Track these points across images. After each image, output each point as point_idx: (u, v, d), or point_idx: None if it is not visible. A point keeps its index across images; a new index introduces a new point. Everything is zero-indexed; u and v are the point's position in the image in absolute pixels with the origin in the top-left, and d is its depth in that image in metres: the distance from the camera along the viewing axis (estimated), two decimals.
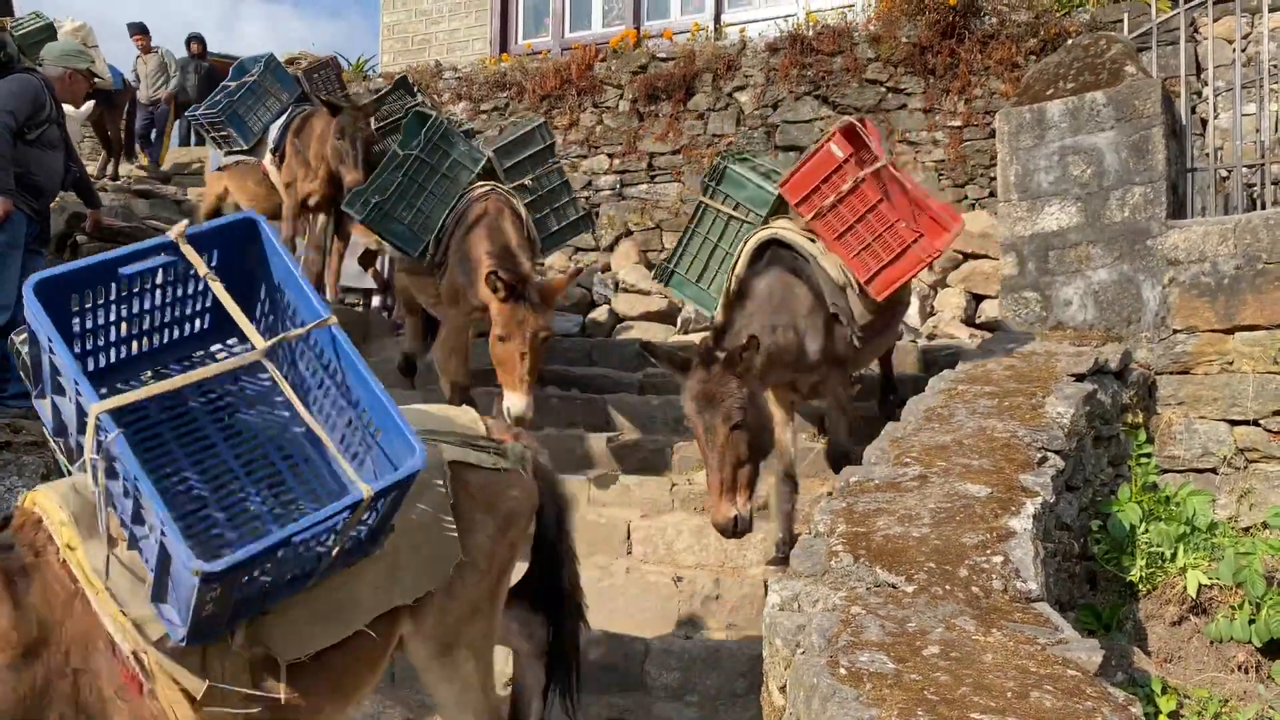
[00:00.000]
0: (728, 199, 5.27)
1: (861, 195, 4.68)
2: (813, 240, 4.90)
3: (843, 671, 2.37)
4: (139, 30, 12.67)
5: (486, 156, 6.11)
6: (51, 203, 5.90)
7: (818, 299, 4.74)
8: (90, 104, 9.31)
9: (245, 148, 8.01)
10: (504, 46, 12.44)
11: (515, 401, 5.09)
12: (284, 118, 7.91)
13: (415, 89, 7.75)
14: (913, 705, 2.19)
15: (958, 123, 9.32)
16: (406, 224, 5.86)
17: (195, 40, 13.60)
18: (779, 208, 5.15)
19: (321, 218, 8.07)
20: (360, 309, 8.59)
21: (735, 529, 4.13)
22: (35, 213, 5.55)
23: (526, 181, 6.26)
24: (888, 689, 2.28)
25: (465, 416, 3.07)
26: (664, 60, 10.41)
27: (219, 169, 8.32)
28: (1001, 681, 2.33)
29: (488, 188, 5.95)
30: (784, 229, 4.94)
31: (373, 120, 7.17)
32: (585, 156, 10.34)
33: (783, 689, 2.72)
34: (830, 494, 3.77)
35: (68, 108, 8.28)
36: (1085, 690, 2.31)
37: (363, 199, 5.84)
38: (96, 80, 6.50)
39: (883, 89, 9.68)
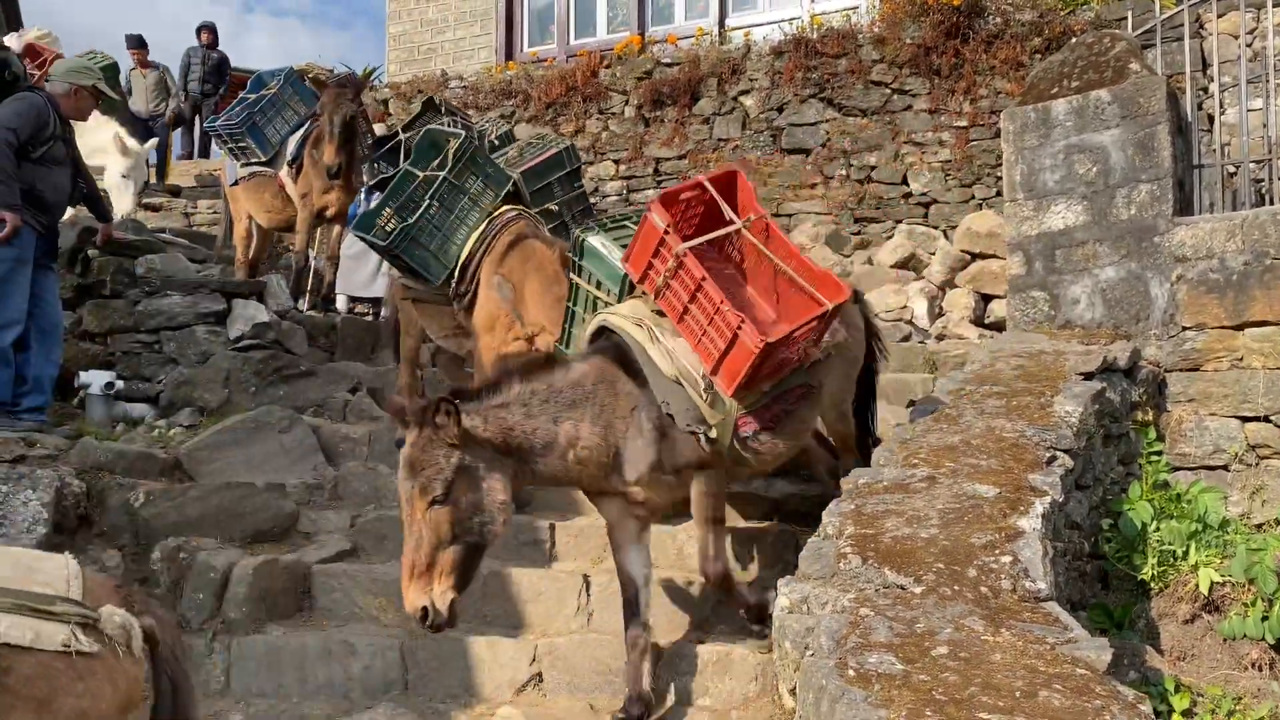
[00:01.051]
0: (591, 275, 4.68)
1: (688, 271, 3.81)
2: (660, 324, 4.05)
3: (851, 673, 2.37)
4: (137, 44, 12.65)
5: (512, 179, 5.81)
6: (61, 218, 5.95)
7: (644, 396, 3.92)
8: (154, 141, 9.34)
9: (264, 159, 8.02)
10: (509, 55, 12.49)
11: None
12: (302, 130, 7.94)
13: (442, 107, 7.35)
14: (921, 706, 2.20)
15: (963, 123, 9.32)
16: (432, 249, 5.52)
17: (206, 29, 13.34)
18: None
19: (336, 229, 8.10)
20: (369, 318, 8.62)
21: (425, 620, 3.47)
22: (44, 228, 5.60)
23: (553, 206, 6.07)
24: (896, 690, 2.28)
25: (50, 565, 2.23)
26: (669, 65, 10.44)
27: (235, 183, 8.35)
28: (1010, 681, 2.34)
29: (514, 213, 5.65)
30: (623, 312, 4.13)
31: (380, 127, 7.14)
32: (591, 163, 10.36)
33: (793, 691, 2.73)
34: (839, 497, 3.78)
35: (131, 142, 8.37)
36: (1094, 689, 2.32)
37: (378, 225, 5.53)
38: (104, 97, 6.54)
39: (888, 90, 9.68)
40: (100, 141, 8.68)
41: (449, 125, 6.64)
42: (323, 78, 7.96)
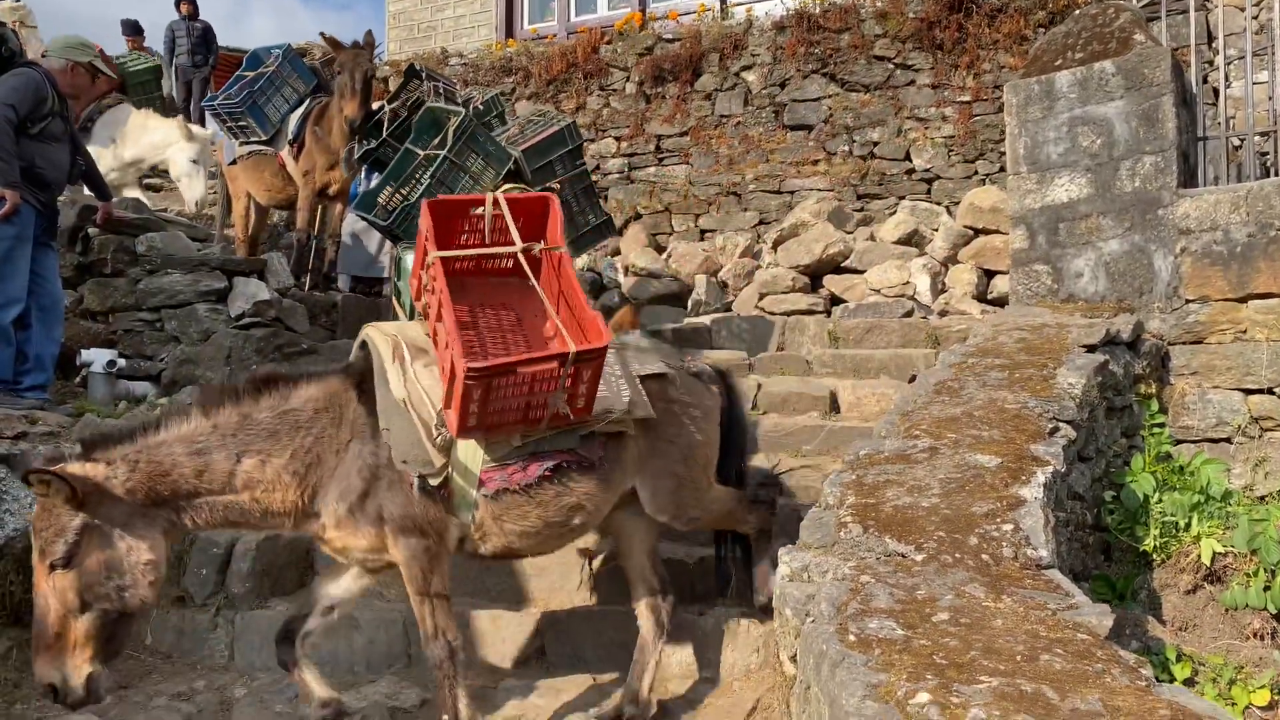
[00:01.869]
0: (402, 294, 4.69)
1: (436, 282, 3.32)
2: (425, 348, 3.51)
3: (852, 638, 2.37)
4: (133, 30, 12.32)
5: (514, 157, 5.79)
6: (59, 196, 5.93)
7: (371, 425, 3.32)
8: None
9: (264, 138, 7.97)
10: (509, 32, 12.42)
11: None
12: (302, 108, 7.89)
13: (425, 74, 7.45)
14: (922, 669, 2.19)
15: (967, 98, 9.27)
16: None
17: (185, 1, 12.65)
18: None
19: (339, 206, 8.06)
20: (371, 296, 8.61)
21: (57, 697, 3.01)
22: (43, 206, 5.59)
23: (554, 185, 5.98)
24: (897, 654, 2.28)
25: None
26: (670, 41, 10.38)
27: (233, 162, 8.31)
28: (1011, 645, 2.33)
29: (516, 191, 5.76)
30: (388, 328, 3.60)
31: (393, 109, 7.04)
32: (593, 140, 10.32)
33: (793, 658, 2.73)
34: (840, 468, 3.77)
35: (196, 128, 8.35)
36: (1095, 653, 2.31)
37: (379, 205, 5.51)
38: (101, 74, 6.51)
39: (890, 65, 9.63)
40: (163, 135, 8.67)
41: (431, 92, 6.65)
42: (333, 44, 7.84)
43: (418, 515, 3.29)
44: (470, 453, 3.30)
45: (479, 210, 3.47)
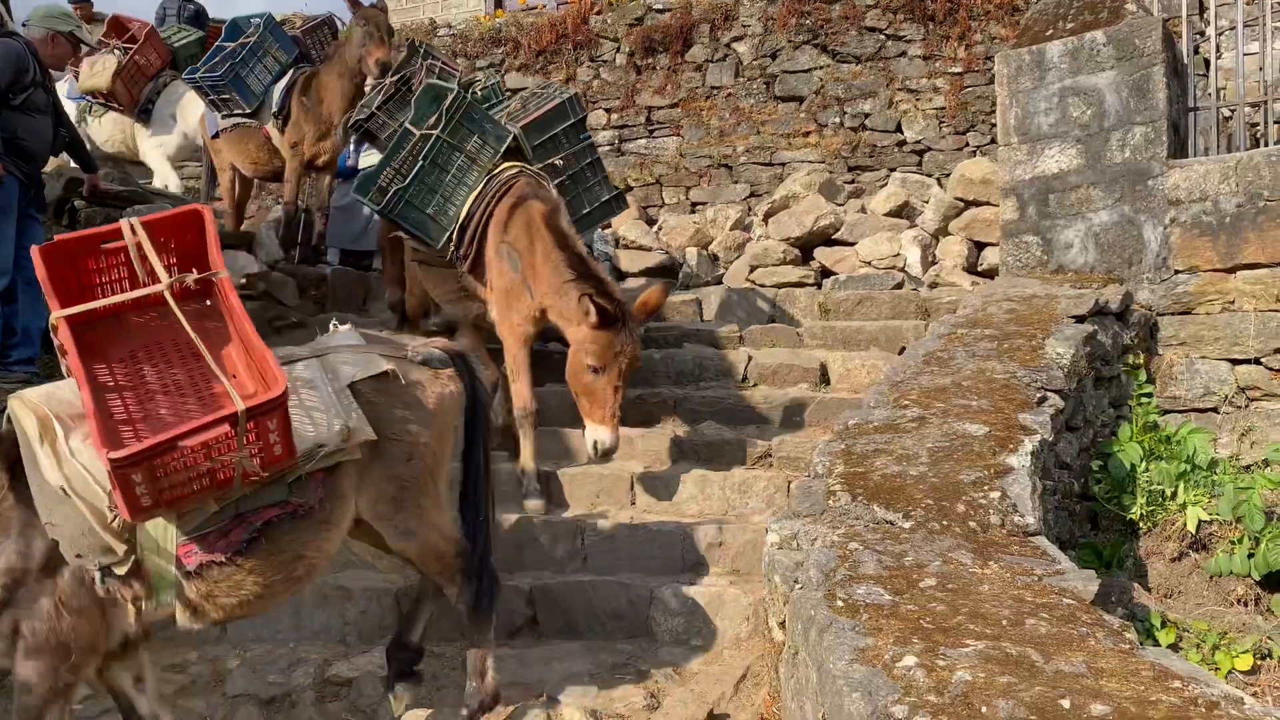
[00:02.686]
0: None
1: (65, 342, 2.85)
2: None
3: (840, 604, 2.39)
4: None
5: (512, 134, 5.51)
6: (44, 167, 5.88)
7: (21, 522, 2.84)
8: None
9: (248, 110, 7.86)
10: (499, 2, 12.31)
11: (604, 436, 4.63)
12: (286, 79, 7.79)
13: (424, 51, 7.12)
14: (909, 634, 2.22)
15: (958, 69, 9.23)
16: (429, 213, 5.31)
17: None
18: None
19: (326, 178, 8.00)
20: (361, 270, 8.57)
21: None
22: (27, 178, 5.54)
23: (557, 161, 5.72)
24: (884, 619, 2.30)
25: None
26: (661, 12, 10.30)
27: (216, 134, 8.21)
28: (997, 610, 2.36)
29: (515, 169, 5.37)
30: (32, 400, 2.94)
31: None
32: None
33: (782, 624, 2.76)
34: (829, 437, 3.79)
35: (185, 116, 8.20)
36: (1081, 617, 2.34)
37: (377, 186, 5.34)
38: (84, 45, 6.43)
39: (882, 36, 9.57)
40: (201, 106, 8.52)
41: (424, 71, 6.52)
42: (299, 25, 7.73)
43: (60, 635, 2.83)
44: (159, 529, 2.86)
45: (114, 244, 2.90)
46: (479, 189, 5.30)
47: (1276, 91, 6.54)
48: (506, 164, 5.41)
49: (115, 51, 8.16)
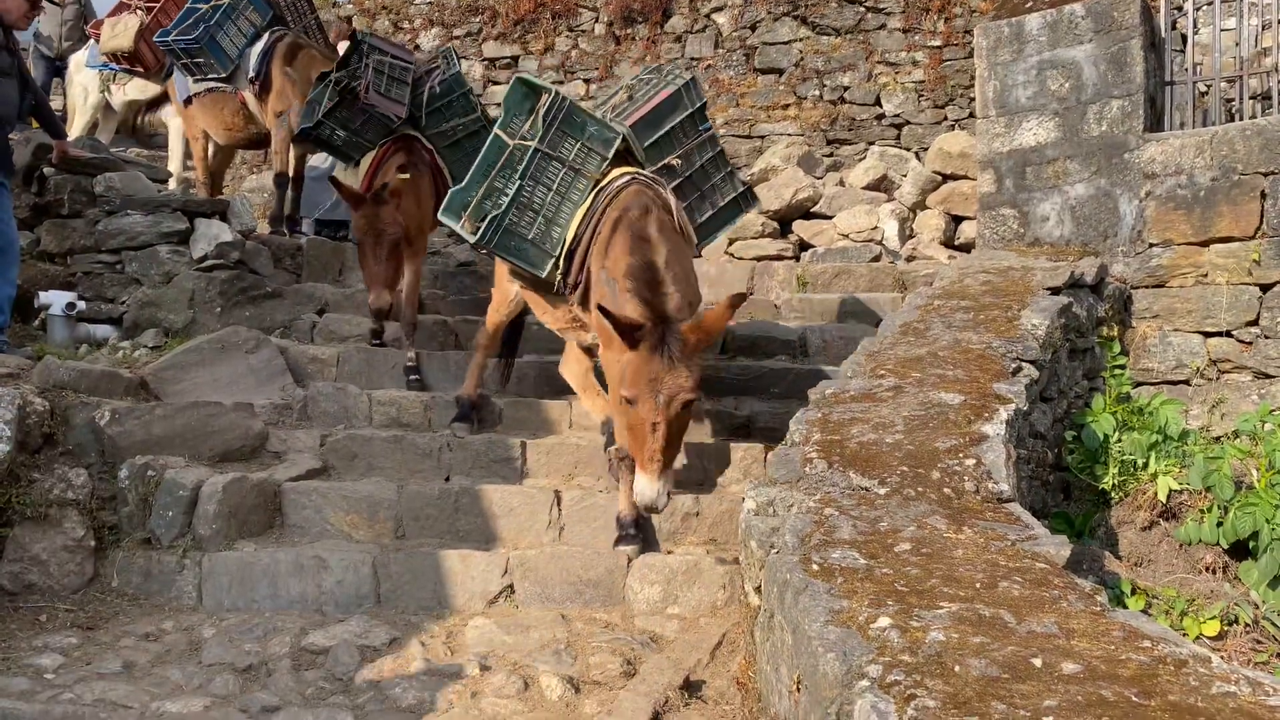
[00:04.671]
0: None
1: None
2: None
3: (815, 567, 2.41)
4: None
5: (620, 135, 4.68)
6: (10, 133, 5.77)
7: None
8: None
9: (224, 75, 7.65)
10: None
11: (644, 487, 3.64)
12: (263, 42, 7.47)
13: (368, 45, 6.36)
14: (883, 596, 2.24)
15: (937, 42, 9.22)
16: (531, 238, 4.54)
17: None
18: None
19: (303, 148, 7.84)
20: (336, 240, 8.48)
21: None
22: None
23: (674, 161, 4.91)
24: (859, 582, 2.32)
25: None
26: None
27: (188, 99, 8.03)
28: (971, 574, 2.38)
29: (626, 177, 4.52)
30: None
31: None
32: (561, 82, 10.17)
33: (758, 589, 2.78)
34: (806, 406, 3.80)
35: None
36: (1053, 580, 2.37)
37: (467, 210, 4.61)
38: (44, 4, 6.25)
39: (862, 9, 9.55)
40: None
41: (371, 64, 6.09)
42: None
43: None
44: None
45: None
46: (587, 204, 4.51)
47: (1252, 67, 6.58)
48: (616, 170, 4.61)
49: (137, 11, 7.85)
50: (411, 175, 6.01)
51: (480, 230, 4.51)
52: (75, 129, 8.90)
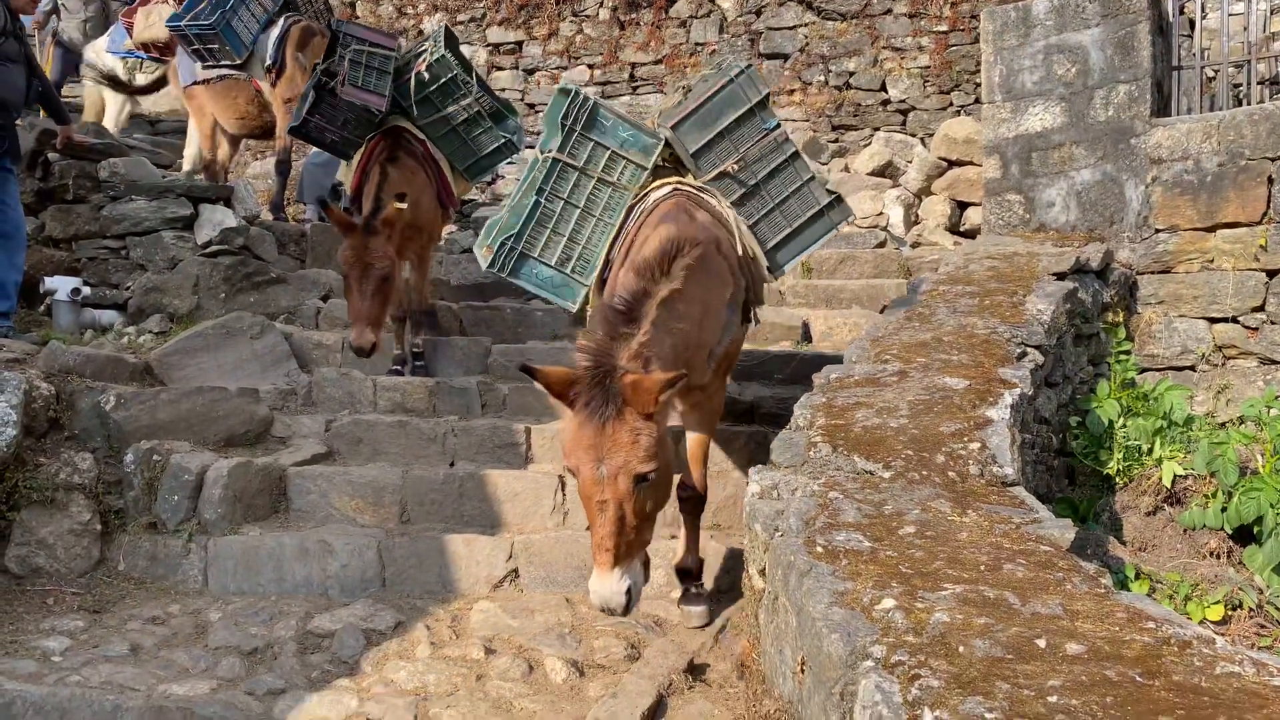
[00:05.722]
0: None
1: None
2: None
3: (819, 550, 2.41)
4: None
5: (662, 140, 4.12)
6: (17, 119, 5.77)
7: None
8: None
9: (239, 61, 7.35)
10: None
11: (594, 584, 2.92)
12: (277, 29, 7.30)
13: (344, 34, 5.93)
14: (887, 578, 2.24)
15: (943, 27, 9.18)
16: (554, 264, 4.08)
17: None
18: None
19: None
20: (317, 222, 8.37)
21: None
22: (1, 128, 5.44)
23: (730, 167, 4.10)
24: (863, 564, 2.32)
25: None
26: None
27: (194, 84, 7.91)
28: (975, 556, 2.38)
29: (667, 189, 3.96)
30: None
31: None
32: (565, 68, 10.15)
33: (762, 572, 2.78)
34: (811, 391, 3.80)
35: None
36: (1057, 563, 2.37)
37: (490, 237, 4.16)
38: None
39: None
40: None
41: (348, 55, 5.64)
42: None
43: None
44: None
45: None
46: (620, 222, 4.01)
47: (1260, 51, 6.54)
48: (660, 181, 4.05)
49: (170, 1, 7.68)
50: (404, 170, 5.61)
51: (492, 258, 4.08)
52: (109, 120, 8.81)
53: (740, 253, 3.91)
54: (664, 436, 2.96)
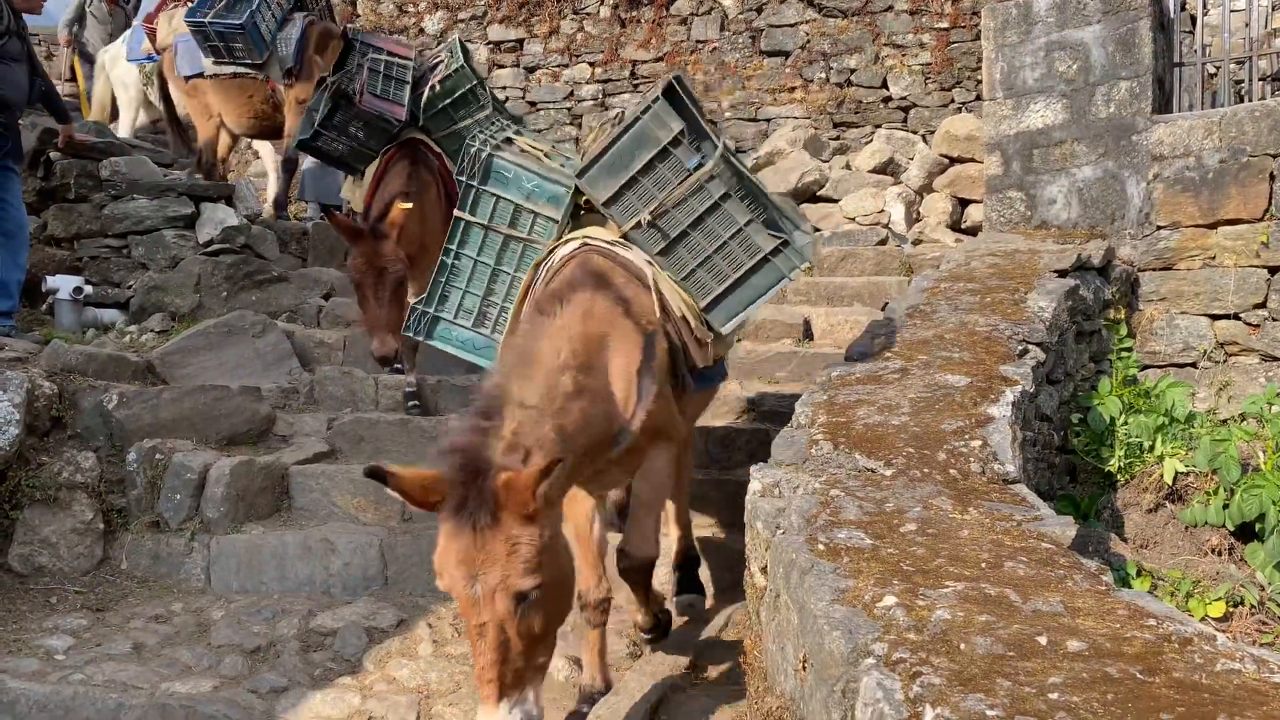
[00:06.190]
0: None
1: None
2: None
3: (821, 547, 2.41)
4: None
5: (570, 188, 3.67)
6: (20, 118, 5.78)
7: None
8: None
9: (259, 61, 7.09)
10: None
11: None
12: (297, 30, 7.07)
13: (360, 43, 5.67)
14: (889, 575, 2.24)
15: (944, 24, 9.16)
16: (472, 325, 3.87)
17: None
18: None
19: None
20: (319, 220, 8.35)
21: None
22: (3, 127, 5.44)
23: (644, 218, 3.42)
24: (865, 562, 2.33)
25: None
26: None
27: (197, 76, 7.72)
28: (976, 554, 2.38)
29: (575, 243, 3.44)
30: None
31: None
32: (566, 66, 10.15)
33: (763, 570, 2.78)
34: (812, 388, 3.80)
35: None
36: (1058, 560, 2.37)
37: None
38: None
39: None
40: None
41: (366, 64, 5.41)
42: None
43: None
44: None
45: None
46: (526, 282, 3.61)
47: (1261, 47, 6.53)
48: (568, 236, 3.58)
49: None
50: (416, 188, 5.35)
51: (409, 322, 3.91)
52: (123, 128, 8.74)
53: (658, 313, 3.28)
54: (554, 541, 2.50)
